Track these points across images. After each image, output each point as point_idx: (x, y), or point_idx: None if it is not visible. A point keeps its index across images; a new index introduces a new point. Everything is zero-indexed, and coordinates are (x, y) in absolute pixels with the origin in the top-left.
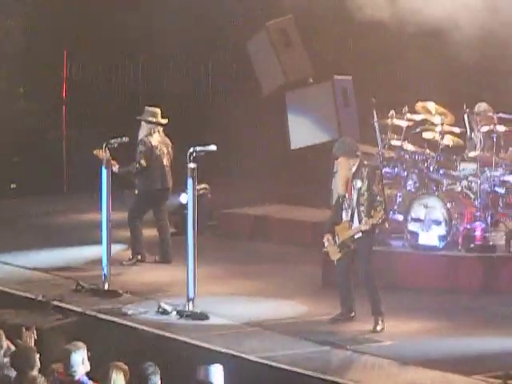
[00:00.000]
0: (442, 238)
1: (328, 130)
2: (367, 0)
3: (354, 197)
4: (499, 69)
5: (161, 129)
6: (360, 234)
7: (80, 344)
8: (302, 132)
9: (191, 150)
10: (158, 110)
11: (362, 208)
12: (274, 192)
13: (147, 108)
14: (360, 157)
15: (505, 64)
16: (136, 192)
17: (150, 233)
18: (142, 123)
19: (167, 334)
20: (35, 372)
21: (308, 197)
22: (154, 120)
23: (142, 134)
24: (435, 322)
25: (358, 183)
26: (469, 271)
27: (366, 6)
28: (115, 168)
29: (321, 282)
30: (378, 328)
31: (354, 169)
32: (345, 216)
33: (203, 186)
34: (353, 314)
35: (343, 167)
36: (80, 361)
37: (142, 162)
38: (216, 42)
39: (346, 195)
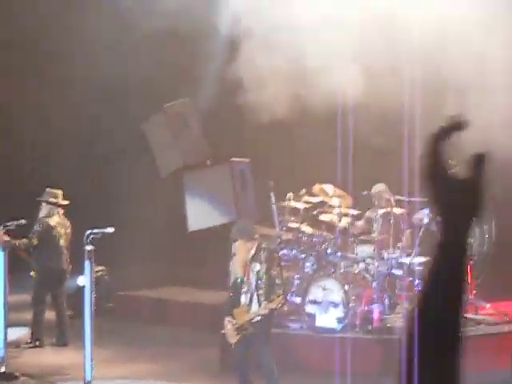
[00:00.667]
0: (339, 320)
1: (226, 212)
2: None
3: (253, 280)
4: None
5: (61, 210)
6: (259, 318)
7: None
8: (200, 214)
9: (88, 232)
10: (59, 192)
11: (260, 291)
12: (171, 274)
13: (48, 189)
14: (258, 240)
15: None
16: (32, 274)
17: (47, 315)
18: (43, 204)
19: None
20: None
21: (205, 279)
22: (54, 201)
23: (41, 214)
24: None
25: (257, 266)
26: (367, 353)
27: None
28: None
29: (219, 365)
30: None
31: (252, 252)
32: (243, 299)
33: (100, 268)
34: None
35: (241, 250)
36: None
37: (33, 240)
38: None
39: (245, 279)
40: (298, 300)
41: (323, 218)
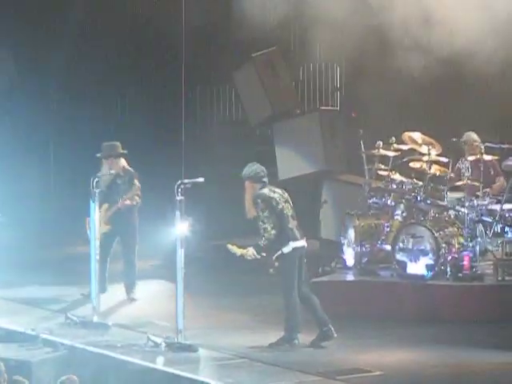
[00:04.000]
0: (430, 267)
1: (315, 160)
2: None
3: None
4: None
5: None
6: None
7: (73, 378)
8: (289, 163)
9: (179, 182)
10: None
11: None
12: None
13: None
14: (259, 184)
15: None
16: None
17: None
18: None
19: (157, 367)
20: None
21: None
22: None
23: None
24: (424, 353)
25: (254, 212)
26: (457, 300)
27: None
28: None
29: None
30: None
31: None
32: None
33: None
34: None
35: (249, 192)
36: None
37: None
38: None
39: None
40: (387, 248)
41: (413, 165)
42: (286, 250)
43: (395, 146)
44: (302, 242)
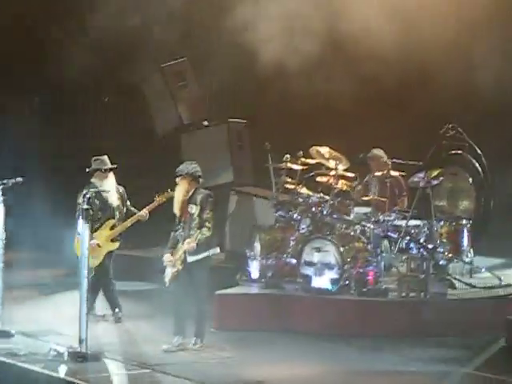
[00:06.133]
0: (334, 281)
1: (222, 172)
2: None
3: (188, 221)
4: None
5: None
6: (193, 259)
7: None
8: None
9: (84, 191)
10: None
11: (191, 232)
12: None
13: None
14: (199, 183)
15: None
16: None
17: None
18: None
19: (59, 376)
20: None
21: None
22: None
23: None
24: (326, 367)
25: (193, 208)
26: (361, 315)
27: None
28: None
29: None
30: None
31: (190, 193)
32: (179, 238)
33: None
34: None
35: (181, 189)
36: None
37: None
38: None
39: (182, 219)
40: (293, 261)
41: (320, 179)
42: (213, 252)
43: (303, 159)
44: None
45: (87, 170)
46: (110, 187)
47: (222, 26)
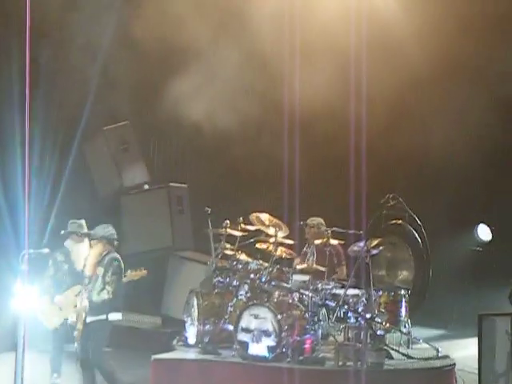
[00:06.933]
0: (271, 348)
1: (161, 237)
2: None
3: (93, 281)
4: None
5: None
6: (91, 319)
7: None
8: (136, 237)
9: (23, 252)
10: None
11: (92, 292)
12: None
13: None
14: (113, 246)
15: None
16: None
17: None
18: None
19: None
20: None
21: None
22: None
23: None
24: None
25: (100, 270)
26: (297, 383)
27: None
28: None
29: None
30: None
31: (102, 256)
32: (82, 291)
33: None
34: None
35: (95, 252)
36: None
37: None
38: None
39: (93, 278)
40: (230, 327)
41: (259, 246)
42: (112, 317)
43: (242, 225)
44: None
45: (62, 232)
46: (84, 253)
47: (166, 92)
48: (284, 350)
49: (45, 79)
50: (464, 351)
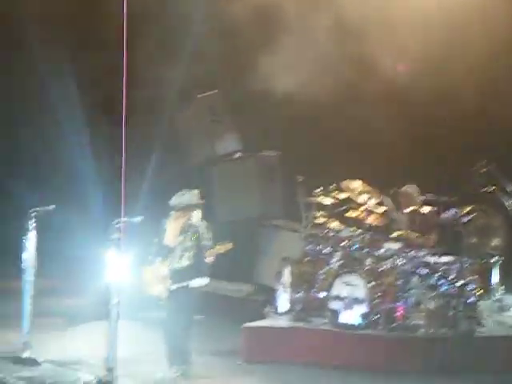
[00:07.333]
0: (363, 316)
1: (252, 205)
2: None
3: (175, 249)
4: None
5: None
6: (174, 287)
7: None
8: (228, 206)
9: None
10: None
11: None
12: None
13: None
14: (190, 212)
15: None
16: None
17: None
18: None
19: None
20: None
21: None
22: None
23: None
24: None
25: (179, 238)
26: (389, 351)
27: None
28: None
29: None
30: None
31: (181, 225)
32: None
33: None
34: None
35: (175, 221)
36: None
37: None
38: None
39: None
40: (321, 295)
41: (350, 214)
42: (196, 283)
43: (334, 193)
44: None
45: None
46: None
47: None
48: (375, 317)
49: (140, 47)
50: None
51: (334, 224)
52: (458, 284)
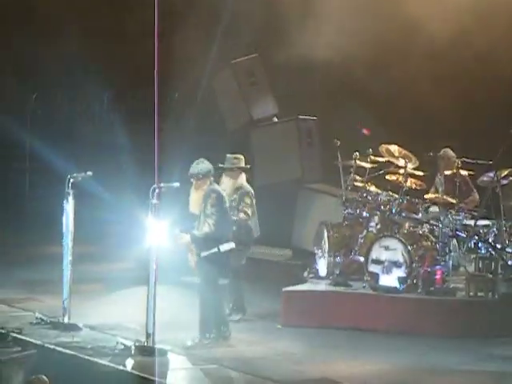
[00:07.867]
0: (402, 280)
1: (291, 169)
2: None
3: (199, 218)
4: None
5: None
6: (203, 254)
7: (42, 377)
8: (266, 170)
9: (154, 186)
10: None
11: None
12: None
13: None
14: (209, 179)
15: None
16: None
17: None
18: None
19: (125, 369)
20: None
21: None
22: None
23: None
24: (394, 365)
25: (201, 206)
26: (428, 314)
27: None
28: None
29: None
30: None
31: (203, 192)
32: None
33: None
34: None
35: (197, 189)
36: None
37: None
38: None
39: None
40: (361, 259)
41: (389, 178)
42: (223, 248)
43: (372, 157)
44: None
45: (220, 165)
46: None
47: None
48: (414, 281)
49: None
50: None
51: (373, 188)
52: (498, 246)
